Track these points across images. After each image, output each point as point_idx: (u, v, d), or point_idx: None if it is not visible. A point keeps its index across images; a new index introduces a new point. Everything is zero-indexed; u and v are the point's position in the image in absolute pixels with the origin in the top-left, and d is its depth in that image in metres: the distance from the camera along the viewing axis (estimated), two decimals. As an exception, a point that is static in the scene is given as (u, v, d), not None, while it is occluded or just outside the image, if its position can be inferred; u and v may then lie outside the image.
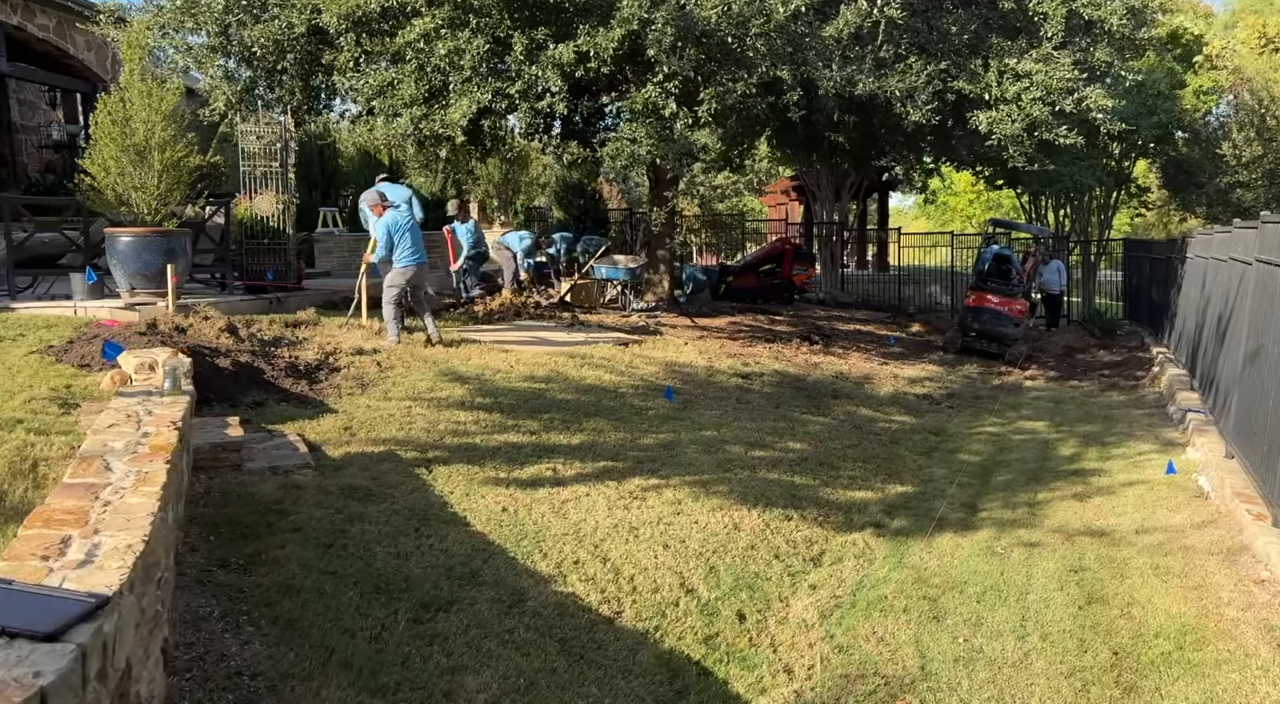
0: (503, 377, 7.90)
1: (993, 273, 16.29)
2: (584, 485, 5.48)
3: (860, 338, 15.77)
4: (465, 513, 4.57)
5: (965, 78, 11.08)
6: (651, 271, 14.92)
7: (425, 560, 3.90)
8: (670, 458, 6.53)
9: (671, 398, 8.03)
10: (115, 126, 7.28)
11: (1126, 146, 22.79)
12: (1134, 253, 20.86)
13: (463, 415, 6.46)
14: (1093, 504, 6.97)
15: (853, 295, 22.43)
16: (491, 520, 4.54)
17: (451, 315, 10.88)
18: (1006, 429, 9.85)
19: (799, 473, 7.03)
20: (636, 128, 8.74)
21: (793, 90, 8.89)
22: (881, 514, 6.56)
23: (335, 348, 7.65)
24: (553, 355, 9.21)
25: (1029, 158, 11.51)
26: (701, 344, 11.91)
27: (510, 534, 4.42)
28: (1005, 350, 15.21)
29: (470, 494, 4.86)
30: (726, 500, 5.84)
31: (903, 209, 62.76)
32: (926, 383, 12.26)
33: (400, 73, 8.94)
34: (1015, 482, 7.69)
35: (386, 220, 8.57)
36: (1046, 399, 11.95)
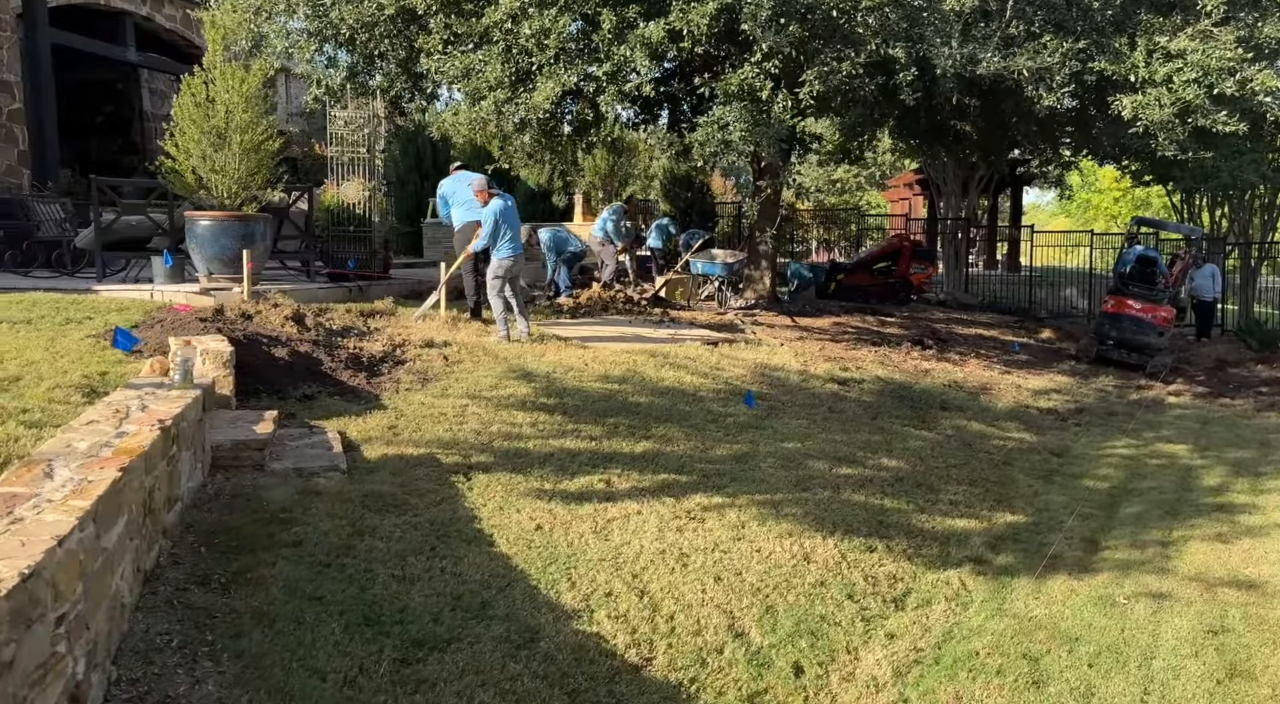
0: (574, 375, 7.46)
1: (1135, 276, 14.82)
2: (637, 501, 4.95)
3: (981, 343, 14.62)
4: (493, 530, 4.13)
5: (1108, 58, 9.93)
6: (752, 268, 14.22)
7: (431, 586, 3.47)
8: (742, 472, 5.93)
9: (751, 404, 7.41)
10: (197, 108, 7.20)
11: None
12: (1303, 256, 18.67)
13: (521, 417, 6.04)
14: (1239, 548, 5.97)
15: (977, 297, 21.02)
16: (520, 540, 4.08)
17: (536, 308, 10.53)
18: (1141, 452, 8.75)
19: (890, 495, 6.30)
20: (728, 112, 8.12)
21: (906, 70, 8.07)
22: (984, 548, 5.77)
23: (405, 340, 7.39)
24: (633, 354, 8.72)
25: (1180, 147, 10.24)
26: (799, 346, 11.18)
27: (538, 557, 3.94)
28: (1147, 361, 13.80)
29: (505, 507, 4.42)
30: (799, 525, 5.21)
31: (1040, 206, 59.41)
32: (1053, 395, 11.15)
33: (487, 55, 8.61)
34: (1147, 515, 6.71)
35: (495, 208, 8.32)
36: (1191, 418, 10.65)
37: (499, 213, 8.27)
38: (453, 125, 8.90)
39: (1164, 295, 14.42)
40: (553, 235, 11.77)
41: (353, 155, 9.15)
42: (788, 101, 8.29)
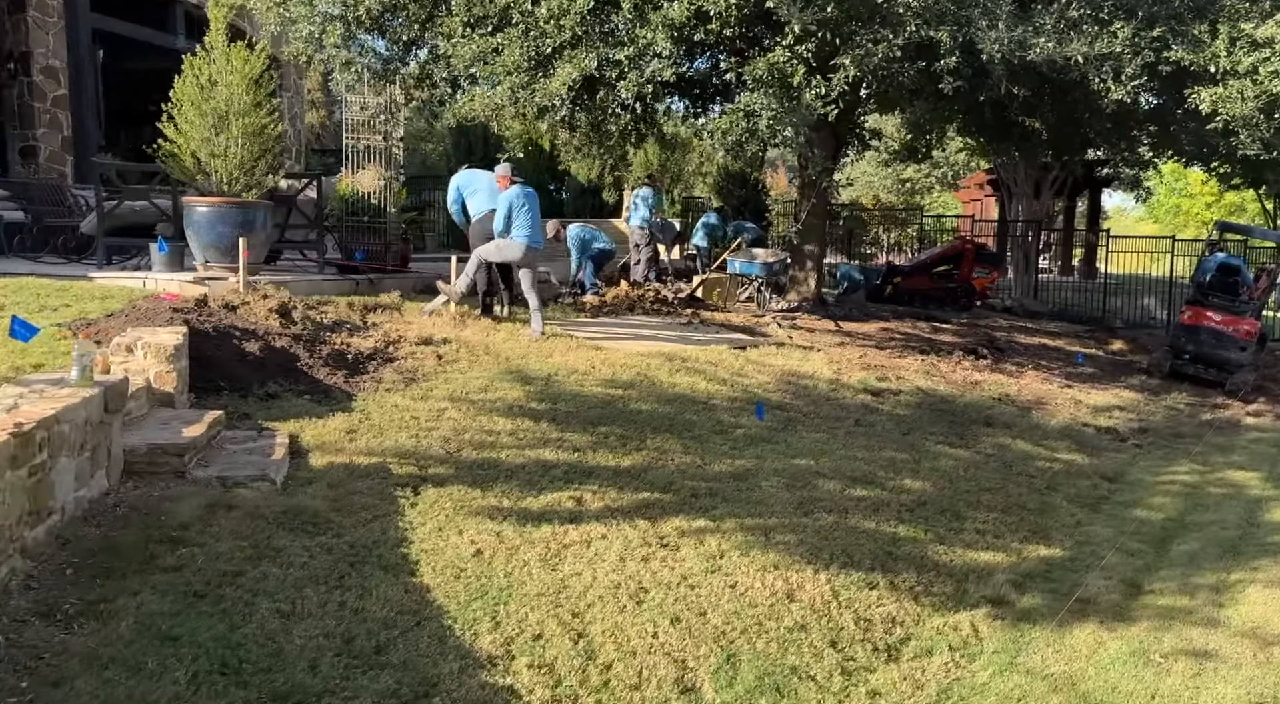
0: (576, 379, 7.02)
1: (1215, 285, 13.71)
2: (605, 523, 4.48)
3: (1043, 354, 13.71)
4: (422, 555, 3.71)
5: (1185, 46, 9.06)
6: (796, 268, 13.58)
7: (321, 625, 3.05)
8: (737, 492, 5.40)
9: (762, 416, 6.86)
10: (199, 90, 6.97)
11: None
12: None
13: (502, 423, 5.63)
14: (1311, 600, 5.20)
15: (1047, 304, 19.90)
16: (451, 568, 3.65)
17: (558, 306, 10.13)
18: (1206, 479, 7.92)
19: (907, 522, 5.69)
20: (756, 98, 7.56)
21: (950, 55, 7.41)
22: (1008, 586, 5.14)
23: (401, 336, 7.05)
24: (648, 356, 8.24)
25: (1265, 145, 9.32)
26: (838, 352, 10.54)
27: (465, 590, 3.50)
28: (1226, 378, 12.73)
29: (446, 528, 3.99)
30: (789, 556, 4.66)
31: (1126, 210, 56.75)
32: (1115, 413, 10.28)
33: (507, 38, 8.23)
34: (1202, 554, 5.96)
35: (513, 192, 8.02)
36: (1268, 442, 9.69)
37: (516, 197, 7.93)
38: (469, 112, 8.54)
39: (1247, 307, 13.29)
40: (580, 232, 11.35)
41: (369, 143, 8.87)
42: (821, 88, 7.69)
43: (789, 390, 8.29)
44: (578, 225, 11.61)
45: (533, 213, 7.99)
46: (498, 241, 7.98)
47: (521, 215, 7.85)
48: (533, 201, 8.04)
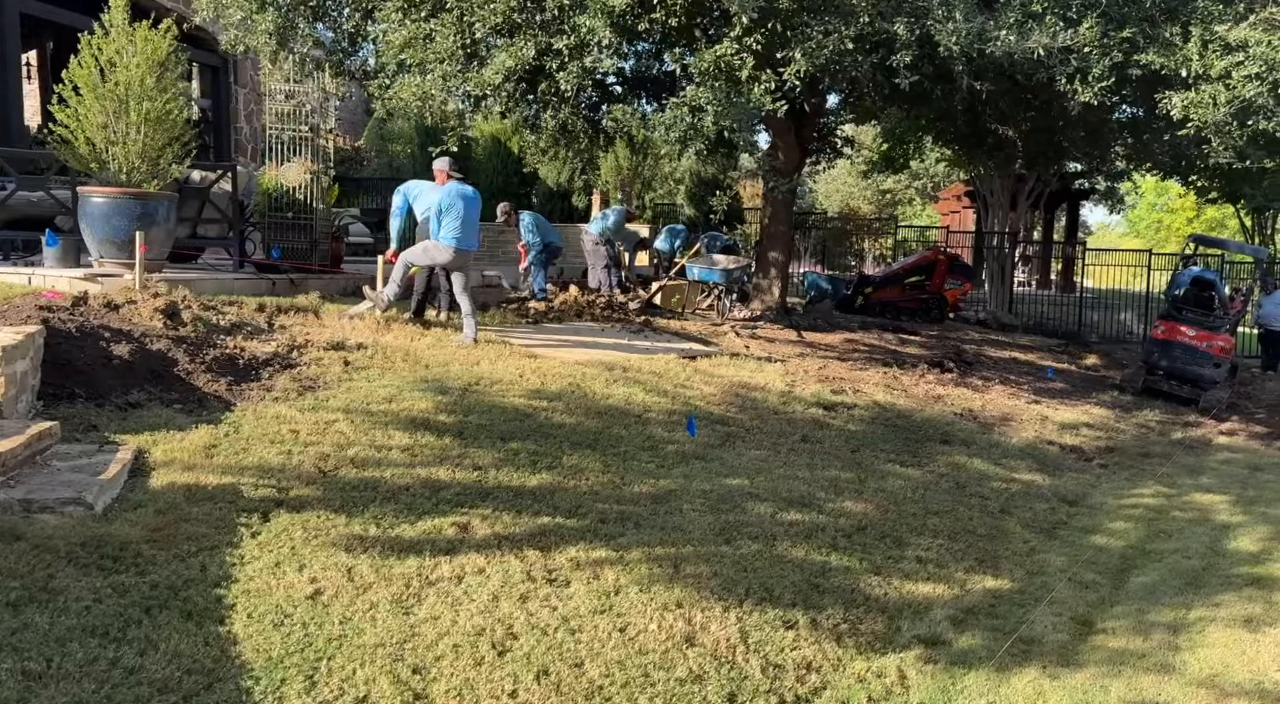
0: (499, 389, 6.51)
1: (1190, 300, 13.36)
2: (488, 554, 3.98)
3: (1013, 368, 13.30)
4: (242, 597, 3.18)
5: (1156, 49, 8.67)
6: (760, 276, 13.14)
7: (74, 691, 2.49)
8: (652, 517, 4.91)
9: (694, 431, 6.37)
10: (98, 72, 6.45)
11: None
12: (1388, 285, 16.87)
13: (398, 437, 5.11)
14: (1271, 639, 4.75)
15: (1021, 317, 19.55)
16: (274, 614, 3.13)
17: (500, 311, 9.62)
18: (1172, 502, 7.49)
19: (842, 549, 5.21)
20: (702, 93, 7.11)
21: (906, 49, 6.97)
22: (946, 624, 4.66)
23: (308, 341, 6.53)
24: (587, 366, 7.75)
25: (1238, 153, 8.93)
26: (796, 363, 10.09)
27: (285, 642, 2.98)
28: (1199, 395, 12.36)
29: (285, 563, 3.48)
30: (698, 591, 4.17)
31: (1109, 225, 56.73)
32: (1083, 431, 9.86)
33: (441, 23, 7.74)
34: (1162, 587, 5.51)
35: (447, 189, 7.47)
36: (1240, 464, 9.29)
37: (446, 195, 7.40)
38: (399, 102, 8.03)
39: (1222, 322, 12.94)
40: (537, 219, 10.83)
41: (294, 132, 8.35)
42: (771, 83, 7.24)
43: (735, 403, 7.82)
44: (533, 213, 11.08)
45: (465, 213, 7.46)
46: (424, 244, 7.46)
47: (451, 215, 7.33)
48: (469, 202, 7.51)
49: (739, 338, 10.90)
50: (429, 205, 7.62)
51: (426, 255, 7.43)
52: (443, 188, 7.45)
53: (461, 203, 7.37)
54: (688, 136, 7.11)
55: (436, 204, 7.38)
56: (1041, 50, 6.85)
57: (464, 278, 7.81)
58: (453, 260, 7.43)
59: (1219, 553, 6.22)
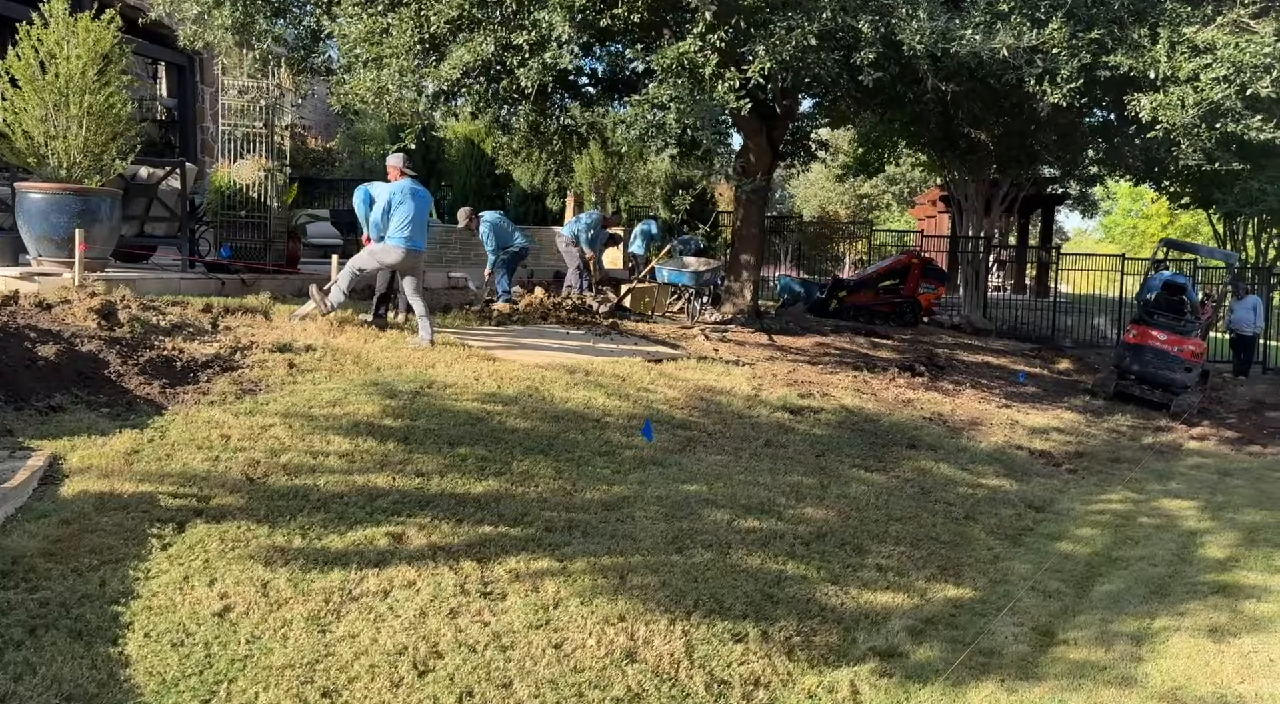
0: (453, 392, 6.32)
1: (1161, 304, 13.35)
2: (420, 566, 3.78)
3: (984, 372, 13.24)
4: (142, 614, 2.97)
5: (1125, 50, 8.61)
6: (732, 279, 13.01)
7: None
8: (602, 525, 4.73)
9: (650, 436, 6.20)
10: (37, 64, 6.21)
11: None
12: (1356, 291, 16.99)
13: (338, 443, 4.91)
14: (1235, 649, 4.64)
15: (995, 322, 19.54)
16: (175, 633, 2.92)
17: (461, 313, 9.42)
18: (1139, 508, 7.39)
19: (799, 557, 5.06)
20: (664, 90, 6.95)
21: (870, 46, 6.85)
22: (904, 635, 4.51)
23: (253, 342, 6.31)
24: (548, 369, 7.57)
25: (1206, 156, 8.87)
26: (766, 366, 9.95)
27: (183, 663, 2.78)
28: (1171, 399, 12.35)
29: (195, 577, 3.27)
30: (644, 603, 4.00)
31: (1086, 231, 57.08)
32: (1053, 435, 9.79)
33: (399, 17, 7.56)
34: (1127, 595, 5.39)
35: (396, 185, 7.24)
36: (1209, 469, 9.23)
37: (395, 193, 7.19)
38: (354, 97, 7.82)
39: (1193, 326, 12.93)
40: (496, 224, 10.60)
41: (248, 129, 8.12)
42: (735, 80, 7.10)
43: (698, 407, 7.66)
44: (493, 216, 10.84)
45: (416, 212, 7.25)
46: (372, 247, 7.22)
47: (399, 214, 7.11)
48: (420, 201, 7.30)
49: (708, 341, 10.76)
50: (381, 202, 7.42)
51: (375, 259, 7.21)
52: (394, 185, 7.24)
53: (412, 200, 7.17)
54: (649, 134, 6.96)
55: (386, 200, 7.16)
56: (1006, 51, 6.75)
57: (415, 279, 7.60)
58: (403, 261, 7.22)
59: (1186, 560, 6.11)
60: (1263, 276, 19.42)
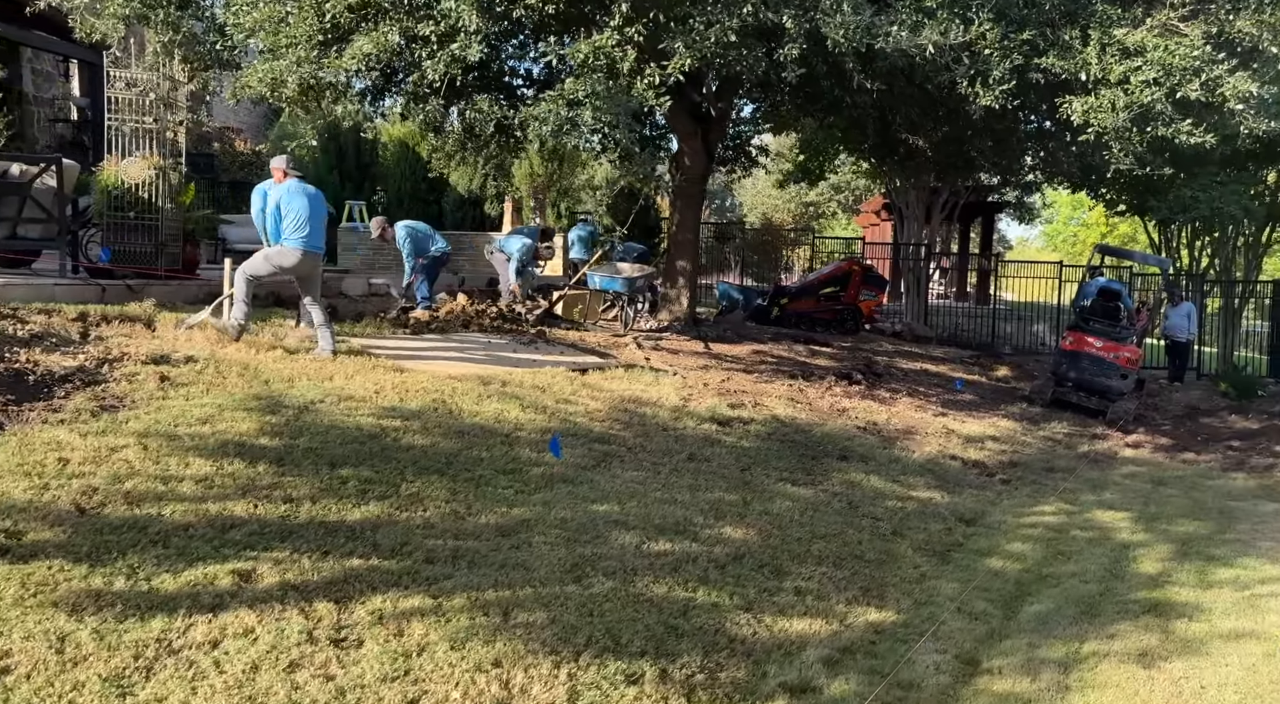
0: (347, 407, 5.86)
1: (1097, 310, 13.33)
2: (264, 610, 3.34)
3: (923, 380, 13.08)
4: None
5: (1056, 53, 8.45)
6: (668, 286, 12.68)
7: None
8: (492, 554, 4.32)
9: (558, 452, 5.81)
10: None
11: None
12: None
13: (199, 466, 4.43)
14: (1167, 675, 4.38)
15: (936, 329, 19.52)
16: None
17: (377, 322, 8.94)
18: (1072, 520, 7.19)
19: (712, 583, 4.70)
20: (580, 86, 6.58)
21: (794, 43, 6.56)
22: (819, 666, 4.17)
23: (126, 354, 5.79)
24: (462, 379, 7.14)
25: (1138, 160, 8.76)
26: (698, 375, 9.61)
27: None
28: (1107, 406, 12.29)
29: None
30: (526, 644, 3.59)
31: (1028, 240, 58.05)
32: (988, 444, 9.59)
33: (299, 6, 7.08)
34: (1055, 616, 5.13)
35: (284, 186, 6.72)
36: (1143, 477, 9.11)
37: (286, 193, 6.67)
38: (247, 89, 7.32)
39: (1128, 333, 12.91)
40: (411, 232, 10.11)
41: (137, 124, 7.55)
42: (655, 77, 6.76)
43: (620, 420, 7.28)
44: (408, 224, 10.34)
45: (310, 211, 6.74)
46: (266, 251, 6.70)
47: (293, 215, 6.62)
48: (313, 200, 6.81)
49: (640, 350, 10.39)
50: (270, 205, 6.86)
51: (270, 263, 6.70)
52: (281, 187, 6.70)
53: (304, 199, 6.66)
54: (562, 131, 6.57)
55: (275, 204, 6.64)
56: (934, 48, 6.51)
57: (314, 285, 7.10)
58: (300, 264, 6.72)
59: (1117, 576, 5.89)
60: (1196, 283, 19.67)
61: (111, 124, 7.52)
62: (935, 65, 7.93)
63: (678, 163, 12.48)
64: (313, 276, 6.91)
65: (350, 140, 19.01)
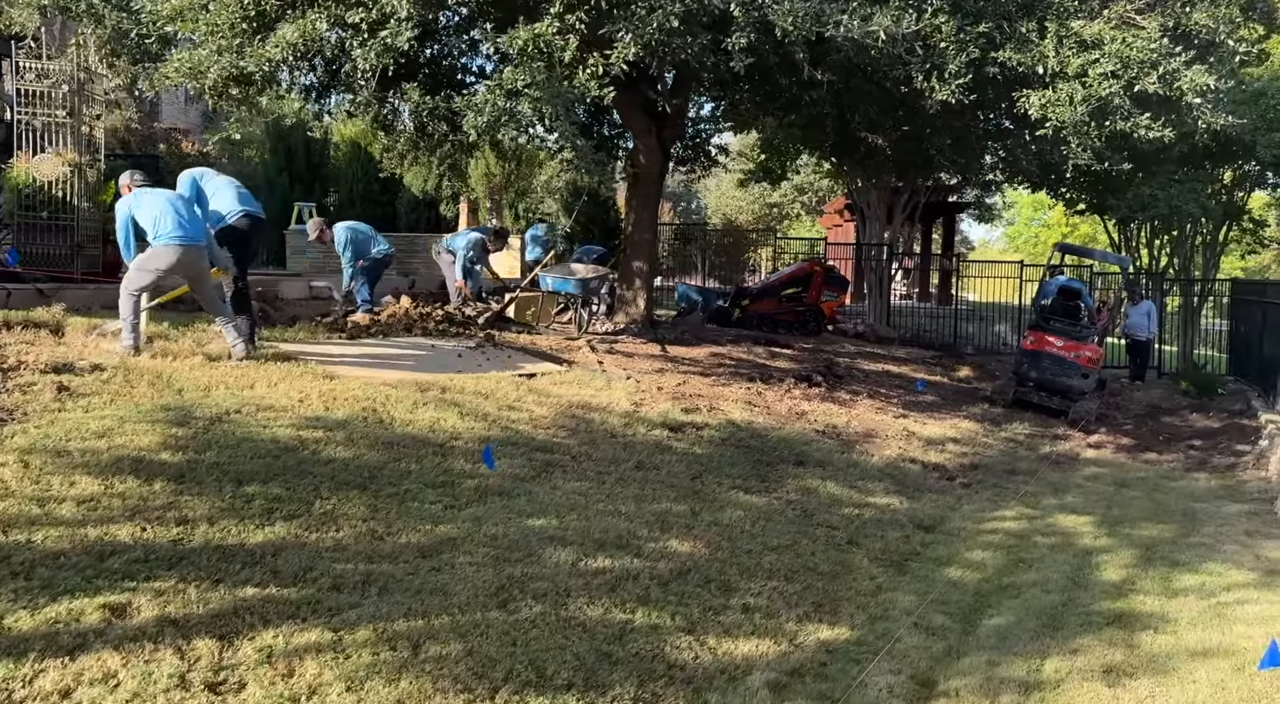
0: (266, 418, 5.46)
1: (1057, 309, 13.21)
2: (132, 651, 2.96)
3: (884, 381, 12.87)
4: None
5: (1013, 46, 8.26)
6: (624, 287, 12.37)
7: None
8: (408, 579, 3.97)
9: (492, 463, 5.46)
10: None
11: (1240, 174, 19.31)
12: (1245, 295, 17.33)
13: (85, 486, 4.03)
14: (1134, 694, 4.15)
15: (899, 330, 19.38)
16: None
17: (312, 326, 8.52)
18: (1034, 525, 6.96)
19: (653, 602, 4.37)
20: (519, 75, 6.24)
21: (742, 31, 6.28)
22: (765, 694, 3.88)
23: (23, 362, 5.36)
24: (398, 386, 6.76)
25: (1096, 155, 8.59)
26: (653, 379, 9.30)
27: None
28: (1069, 406, 12.15)
29: None
30: (436, 681, 3.25)
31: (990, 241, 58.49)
32: (949, 446, 9.38)
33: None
34: (1017, 630, 4.87)
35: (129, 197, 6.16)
36: (1106, 479, 8.93)
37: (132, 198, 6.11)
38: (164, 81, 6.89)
39: (1089, 332, 12.80)
40: (352, 234, 9.70)
41: (48, 118, 7.08)
42: (598, 67, 6.44)
43: (567, 427, 6.94)
44: (349, 224, 9.91)
45: (167, 205, 6.10)
46: (138, 260, 6.07)
47: (150, 214, 5.95)
48: (163, 197, 6.16)
49: (594, 353, 10.06)
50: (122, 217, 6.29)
51: (148, 269, 6.05)
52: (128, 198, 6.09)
53: (155, 197, 6.02)
54: (499, 122, 6.23)
55: (127, 216, 6.05)
56: (885, 35, 6.25)
57: (205, 282, 6.51)
58: (180, 260, 6.09)
59: (1081, 584, 5.66)
60: (1156, 282, 19.73)
61: (21, 118, 7.04)
62: (889, 57, 7.71)
63: (633, 161, 12.18)
64: (202, 274, 6.35)
65: (300, 141, 18.50)
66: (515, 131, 6.47)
